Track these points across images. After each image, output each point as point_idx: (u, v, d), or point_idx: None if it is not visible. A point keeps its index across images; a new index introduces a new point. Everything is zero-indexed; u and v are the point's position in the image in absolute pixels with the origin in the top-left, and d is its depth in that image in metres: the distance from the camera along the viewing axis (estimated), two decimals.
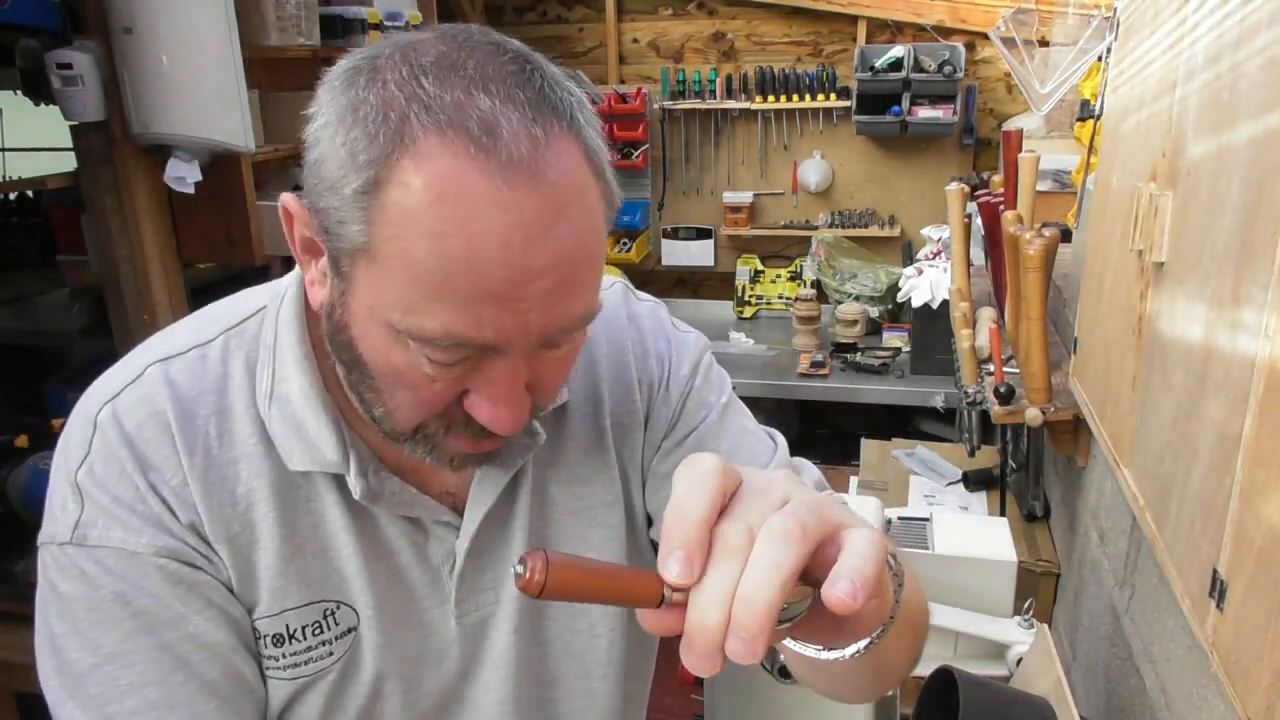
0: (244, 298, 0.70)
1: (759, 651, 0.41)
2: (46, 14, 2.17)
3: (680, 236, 3.61)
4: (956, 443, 2.20)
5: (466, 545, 0.70)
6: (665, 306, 0.83)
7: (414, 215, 0.49)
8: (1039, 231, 1.39)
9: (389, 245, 0.51)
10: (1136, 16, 1.18)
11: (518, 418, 0.56)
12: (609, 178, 0.56)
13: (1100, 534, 1.40)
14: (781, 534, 0.42)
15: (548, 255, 0.51)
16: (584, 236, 0.53)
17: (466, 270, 0.49)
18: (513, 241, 0.49)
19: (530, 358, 0.56)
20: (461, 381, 0.56)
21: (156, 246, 2.42)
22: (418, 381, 0.55)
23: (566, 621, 0.76)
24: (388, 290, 0.52)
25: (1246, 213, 0.75)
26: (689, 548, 0.42)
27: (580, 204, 0.53)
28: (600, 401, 0.76)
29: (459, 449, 0.60)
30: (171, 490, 0.62)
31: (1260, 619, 0.68)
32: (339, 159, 0.51)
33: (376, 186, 0.50)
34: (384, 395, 0.58)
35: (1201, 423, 0.83)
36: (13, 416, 2.85)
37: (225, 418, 0.65)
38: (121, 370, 0.66)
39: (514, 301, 0.51)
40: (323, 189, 0.53)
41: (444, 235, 0.49)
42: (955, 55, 3.04)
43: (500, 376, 0.55)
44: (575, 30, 3.57)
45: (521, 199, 0.49)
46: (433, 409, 0.57)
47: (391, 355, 0.55)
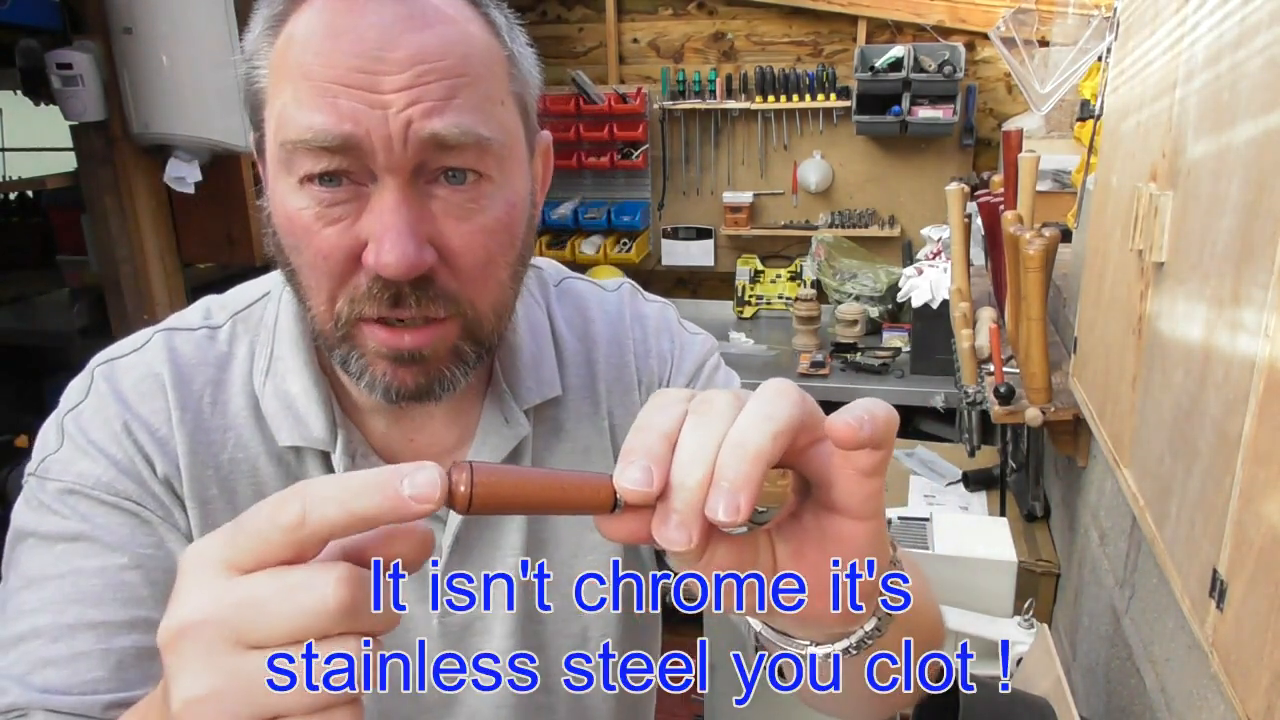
0: (253, 284, 0.73)
1: (744, 507, 0.36)
2: (46, 14, 2.17)
3: (680, 236, 3.61)
4: (956, 443, 2.20)
5: (451, 539, 0.69)
6: (675, 307, 0.83)
7: (293, 35, 0.55)
8: (1039, 231, 1.39)
9: (275, 73, 0.56)
10: (1136, 16, 1.18)
11: (405, 252, 0.53)
12: (506, 38, 0.59)
13: (1100, 534, 1.39)
14: (777, 390, 0.40)
15: (403, 51, 0.53)
16: (453, 48, 0.54)
17: (322, 63, 0.53)
18: (368, 35, 0.53)
19: (421, 194, 0.55)
20: (353, 230, 0.55)
21: (156, 246, 2.42)
22: (311, 230, 0.56)
23: (559, 626, 0.75)
24: (275, 114, 0.55)
25: (1246, 213, 0.75)
26: (650, 456, 0.38)
27: (451, 26, 0.55)
28: (599, 400, 0.75)
29: (376, 342, 0.58)
30: (154, 440, 0.64)
31: (1260, 619, 0.68)
32: (252, 32, 0.58)
33: (276, 28, 0.56)
34: (303, 283, 0.58)
35: (1201, 423, 0.83)
36: (13, 416, 2.85)
37: (221, 389, 0.67)
38: (131, 337, 0.69)
39: (370, 92, 0.52)
40: (245, 69, 0.58)
41: (309, 40, 0.54)
42: (955, 55, 3.04)
43: (383, 206, 0.54)
44: (575, 30, 3.56)
45: (385, 9, 0.53)
46: (334, 268, 0.56)
47: (287, 203, 0.56)
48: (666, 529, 0.37)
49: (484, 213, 0.58)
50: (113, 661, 0.59)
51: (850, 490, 0.41)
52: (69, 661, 0.58)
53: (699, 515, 0.37)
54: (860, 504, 0.41)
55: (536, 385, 0.72)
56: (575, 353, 0.76)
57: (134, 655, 0.60)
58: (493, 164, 0.57)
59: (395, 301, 0.56)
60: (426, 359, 0.59)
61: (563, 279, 0.81)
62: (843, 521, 0.42)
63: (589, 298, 0.79)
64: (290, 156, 0.55)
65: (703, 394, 0.41)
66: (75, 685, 0.58)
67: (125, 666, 0.59)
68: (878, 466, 0.40)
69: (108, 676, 0.58)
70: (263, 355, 0.68)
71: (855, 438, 0.38)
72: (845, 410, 0.39)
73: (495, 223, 0.58)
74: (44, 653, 0.58)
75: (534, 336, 0.74)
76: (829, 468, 0.41)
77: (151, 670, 0.60)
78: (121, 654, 0.59)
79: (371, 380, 0.59)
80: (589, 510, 0.38)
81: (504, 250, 0.60)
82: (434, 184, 0.56)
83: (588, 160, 3.48)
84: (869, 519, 0.42)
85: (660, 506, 0.38)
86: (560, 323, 0.77)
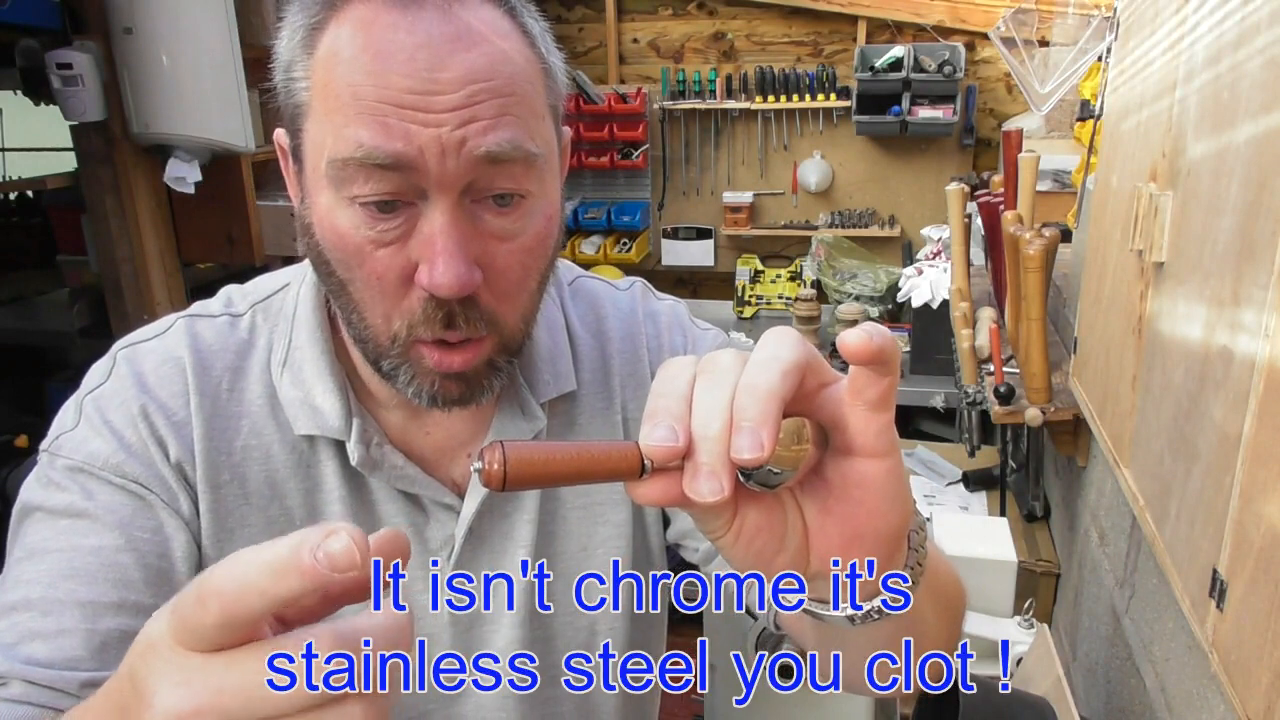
0: (274, 275, 0.74)
1: (767, 443, 0.37)
2: (46, 14, 2.17)
3: (680, 236, 3.61)
4: (956, 443, 2.20)
5: (465, 530, 0.70)
6: (686, 305, 0.84)
7: (337, 53, 0.55)
8: (1039, 231, 1.39)
9: (320, 89, 0.56)
10: (1136, 16, 1.18)
11: (458, 273, 0.55)
12: (543, 50, 0.60)
13: (1100, 534, 1.39)
14: (778, 336, 0.41)
15: (454, 72, 0.54)
16: (499, 68, 0.55)
17: (373, 83, 0.53)
18: (418, 56, 0.53)
19: (469, 215, 0.56)
20: (405, 251, 0.57)
21: (156, 246, 2.43)
22: (363, 251, 0.57)
23: (569, 619, 0.76)
24: (322, 132, 0.56)
25: (1246, 213, 0.75)
26: (673, 417, 0.39)
27: (496, 44, 0.56)
28: (613, 395, 0.76)
29: (431, 363, 0.60)
30: (171, 425, 0.65)
31: (1260, 619, 0.68)
32: (287, 40, 0.58)
33: (314, 39, 0.56)
34: (355, 298, 0.59)
35: (1201, 423, 0.83)
36: (13, 416, 2.85)
37: (239, 376, 0.68)
38: (155, 323, 0.71)
39: (421, 112, 0.53)
40: (281, 77, 0.58)
41: (356, 59, 0.54)
42: (955, 55, 3.04)
43: (434, 229, 0.55)
44: (575, 30, 3.56)
45: (431, 28, 0.54)
46: (387, 289, 0.58)
47: (336, 221, 0.57)
48: (697, 482, 0.38)
49: (525, 232, 0.59)
50: (96, 642, 0.59)
51: (862, 427, 0.42)
52: (54, 636, 0.59)
53: (726, 463, 0.38)
54: (874, 439, 0.42)
55: (553, 380, 0.73)
56: (589, 349, 0.77)
57: (117, 637, 0.60)
58: (535, 180, 0.59)
59: (448, 322, 0.58)
60: (469, 376, 0.61)
61: (576, 277, 0.82)
62: (861, 463, 0.42)
63: (602, 295, 0.81)
64: (340, 173, 0.55)
65: (708, 355, 0.41)
66: (58, 660, 0.58)
67: (108, 648, 0.60)
68: (885, 398, 0.41)
69: (88, 656, 0.59)
70: (281, 345, 0.69)
71: (867, 347, 0.39)
72: (850, 330, 0.40)
73: (534, 239, 0.60)
74: (32, 625, 0.59)
75: (550, 333, 0.75)
76: (839, 410, 0.42)
77: None
78: (105, 635, 0.60)
79: (419, 390, 0.62)
80: (619, 476, 0.39)
81: (539, 264, 0.62)
82: (480, 205, 0.57)
83: (588, 160, 3.48)
84: (885, 455, 0.42)
85: (688, 464, 0.39)
86: (574, 320, 0.78)
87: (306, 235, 0.61)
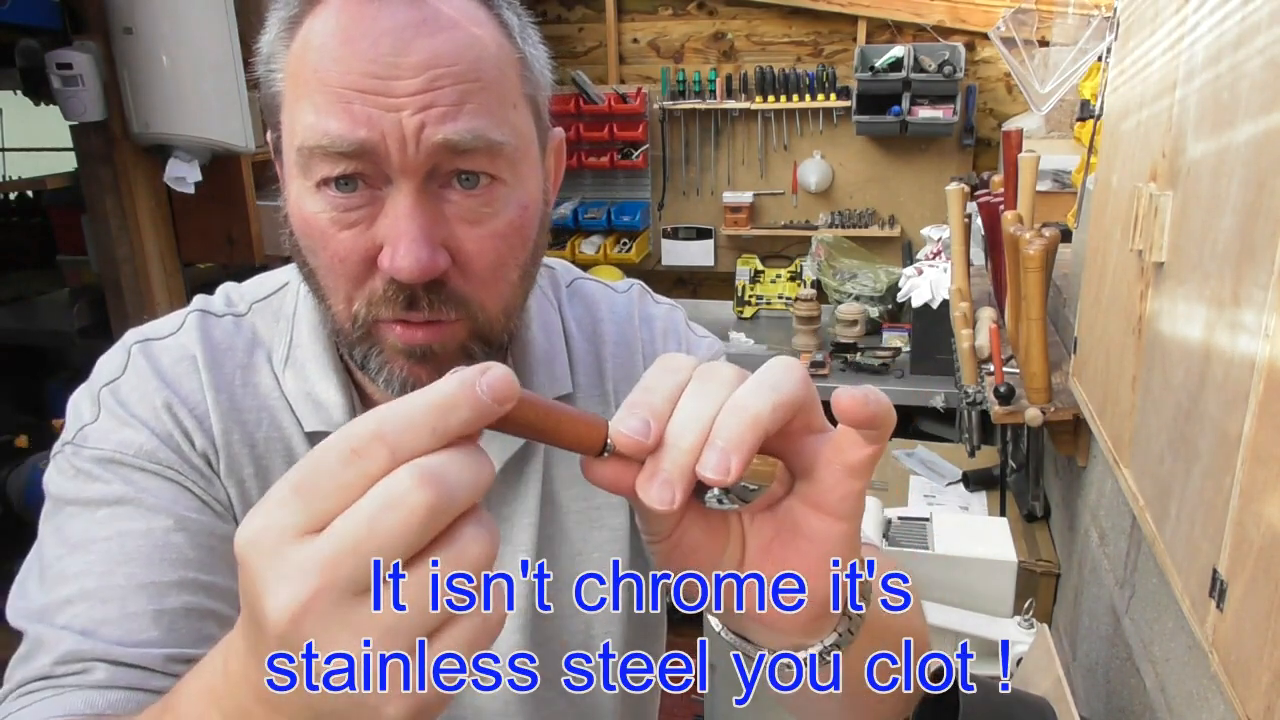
0: (272, 274, 0.74)
1: (734, 469, 0.36)
2: (46, 14, 2.17)
3: (680, 236, 3.61)
4: (956, 443, 2.20)
5: None
6: (684, 310, 0.84)
7: (309, 41, 0.55)
8: (1039, 231, 1.39)
9: (292, 78, 0.56)
10: (1136, 16, 1.18)
11: (419, 257, 0.54)
12: (519, 40, 0.60)
13: (1100, 534, 1.40)
14: (784, 366, 0.39)
15: (417, 56, 0.53)
16: (464, 53, 0.55)
17: (339, 68, 0.54)
18: (382, 41, 0.53)
19: (435, 198, 0.56)
20: (369, 234, 0.56)
21: (156, 246, 2.42)
22: (327, 234, 0.57)
23: (564, 623, 0.76)
24: (292, 120, 0.56)
25: (1246, 213, 0.75)
26: (651, 411, 0.38)
27: (466, 30, 0.55)
28: (607, 399, 0.76)
29: (394, 338, 0.59)
30: (194, 418, 0.65)
31: (1260, 619, 0.68)
32: (268, 35, 0.59)
33: (292, 31, 0.57)
34: (321, 283, 0.59)
35: (1201, 423, 0.83)
36: (13, 416, 2.85)
37: (250, 372, 0.69)
38: (167, 318, 0.71)
39: (383, 96, 0.53)
40: (262, 70, 0.59)
41: (325, 46, 0.54)
42: (955, 55, 3.04)
43: (398, 212, 0.55)
44: (575, 30, 3.57)
45: (399, 14, 0.54)
46: (350, 271, 0.57)
47: (304, 206, 0.57)
48: (651, 485, 0.37)
49: (497, 217, 0.58)
50: (165, 622, 0.59)
51: (833, 486, 0.41)
52: (122, 620, 0.58)
53: (686, 478, 0.37)
54: (838, 502, 0.41)
55: (549, 381, 0.73)
56: (584, 352, 0.77)
57: (184, 614, 0.59)
58: (505, 167, 0.58)
59: (410, 304, 0.57)
60: (438, 355, 0.60)
61: (574, 279, 0.82)
62: (820, 519, 0.42)
63: (599, 298, 0.80)
64: (307, 161, 0.56)
65: (709, 363, 0.41)
66: (131, 642, 0.57)
67: (177, 626, 0.59)
68: (865, 465, 0.40)
69: (161, 636, 0.58)
70: (282, 344, 0.69)
71: (861, 411, 0.38)
72: (850, 388, 0.39)
73: (508, 226, 0.59)
74: (95, 613, 0.58)
75: (547, 334, 0.75)
76: (817, 461, 0.41)
77: (203, 630, 0.60)
78: (173, 614, 0.59)
79: (389, 376, 0.61)
80: (580, 447, 0.38)
81: (516, 253, 0.61)
82: (447, 188, 0.57)
83: (588, 160, 3.48)
84: (845, 520, 0.41)
85: (649, 462, 0.38)
86: (571, 322, 0.78)
87: (286, 226, 0.61)
